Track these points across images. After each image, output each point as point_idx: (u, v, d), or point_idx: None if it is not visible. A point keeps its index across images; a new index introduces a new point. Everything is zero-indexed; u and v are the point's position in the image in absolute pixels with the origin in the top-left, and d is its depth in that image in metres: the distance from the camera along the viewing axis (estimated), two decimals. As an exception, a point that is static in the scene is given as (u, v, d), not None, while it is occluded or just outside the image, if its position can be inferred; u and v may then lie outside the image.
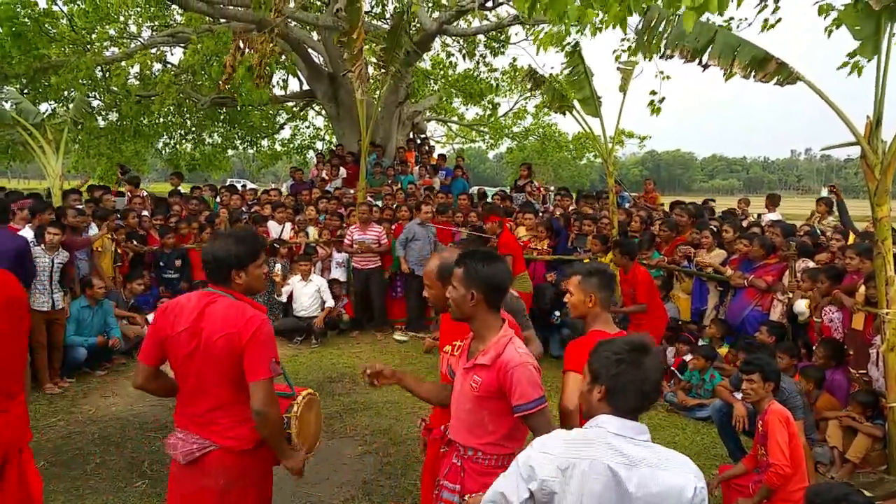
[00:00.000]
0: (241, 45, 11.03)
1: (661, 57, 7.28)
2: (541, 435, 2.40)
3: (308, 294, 9.44)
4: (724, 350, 7.42)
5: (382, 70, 10.46)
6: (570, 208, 11.34)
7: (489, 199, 13.44)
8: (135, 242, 9.28)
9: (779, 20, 7.40)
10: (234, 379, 2.86)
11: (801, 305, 6.89)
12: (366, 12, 15.52)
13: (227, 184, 16.73)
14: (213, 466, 2.89)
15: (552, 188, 16.24)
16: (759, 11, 7.40)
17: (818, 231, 9.56)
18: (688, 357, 7.49)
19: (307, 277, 9.50)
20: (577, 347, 3.22)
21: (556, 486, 2.00)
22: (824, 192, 12.94)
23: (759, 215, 12.17)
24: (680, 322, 8.26)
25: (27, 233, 7.36)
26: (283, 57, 15.12)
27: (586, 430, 2.13)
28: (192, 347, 2.85)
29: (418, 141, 17.62)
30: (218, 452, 2.89)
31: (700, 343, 7.70)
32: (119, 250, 8.98)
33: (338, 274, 10.30)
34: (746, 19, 8.32)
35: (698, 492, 1.99)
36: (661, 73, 9.16)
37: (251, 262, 2.98)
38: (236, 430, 2.90)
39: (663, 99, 8.76)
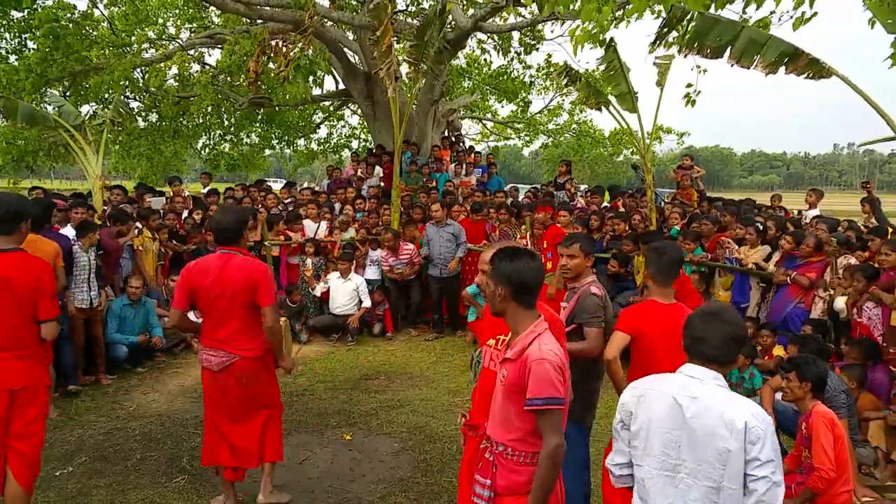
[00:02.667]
0: (266, 49, 11.14)
1: (682, 55, 7.21)
2: (547, 437, 2.63)
3: (345, 292, 9.48)
4: (779, 350, 7.22)
5: (413, 68, 10.46)
6: (603, 206, 11.26)
7: (521, 198, 13.38)
8: (174, 242, 9.40)
9: (815, 14, 7.21)
10: (249, 308, 4.29)
11: (840, 303, 6.73)
12: (400, 10, 15.53)
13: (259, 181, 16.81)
14: (237, 370, 4.31)
15: (582, 186, 16.11)
16: (796, 7, 7.24)
17: (860, 226, 9.36)
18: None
19: (346, 276, 9.55)
20: (628, 312, 3.96)
21: (632, 407, 2.60)
22: (862, 183, 12.62)
23: (800, 211, 11.92)
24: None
25: (69, 231, 7.52)
26: (311, 53, 15.20)
27: (674, 373, 2.60)
28: (219, 291, 4.22)
29: (453, 139, 17.59)
30: (240, 361, 4.30)
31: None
32: (163, 249, 9.12)
33: (372, 273, 10.32)
34: (788, 12, 8.15)
35: (751, 427, 2.32)
36: (698, 66, 9.00)
37: (247, 227, 4.46)
38: (250, 343, 4.34)
39: (699, 92, 8.64)
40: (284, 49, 10.89)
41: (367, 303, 9.55)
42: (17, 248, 3.91)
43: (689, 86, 8.66)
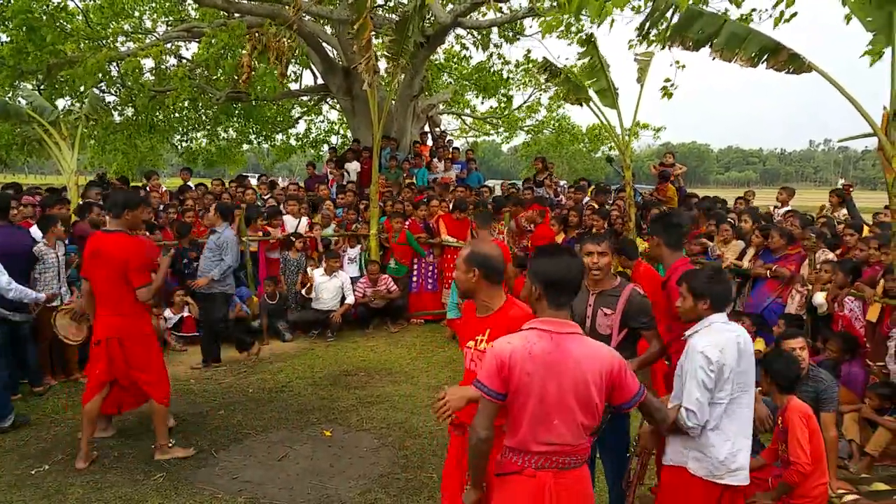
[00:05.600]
0: (257, 44, 11.06)
1: (665, 48, 7.27)
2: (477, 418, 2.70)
3: (330, 289, 9.47)
4: (759, 344, 7.29)
5: (392, 63, 10.43)
6: (585, 201, 11.30)
7: (496, 194, 13.41)
8: (149, 234, 9.29)
9: (794, 14, 7.30)
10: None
11: (820, 297, 6.81)
12: (379, 5, 15.48)
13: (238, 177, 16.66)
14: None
15: (563, 182, 16.16)
16: (776, 5, 7.33)
17: (835, 223, 9.48)
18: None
19: (332, 273, 9.52)
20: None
21: (723, 360, 3.28)
22: (841, 182, 12.79)
23: (774, 208, 12.05)
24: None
25: (35, 231, 7.26)
26: (296, 51, 15.11)
27: (710, 325, 3.41)
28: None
29: (435, 134, 17.59)
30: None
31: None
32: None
33: (351, 270, 10.26)
34: (767, 10, 8.25)
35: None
36: (678, 62, 9.07)
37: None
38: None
39: (676, 86, 8.72)
40: (276, 43, 10.80)
41: (350, 299, 9.52)
42: (119, 230, 5.04)
43: (667, 80, 8.74)
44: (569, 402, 2.61)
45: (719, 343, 3.30)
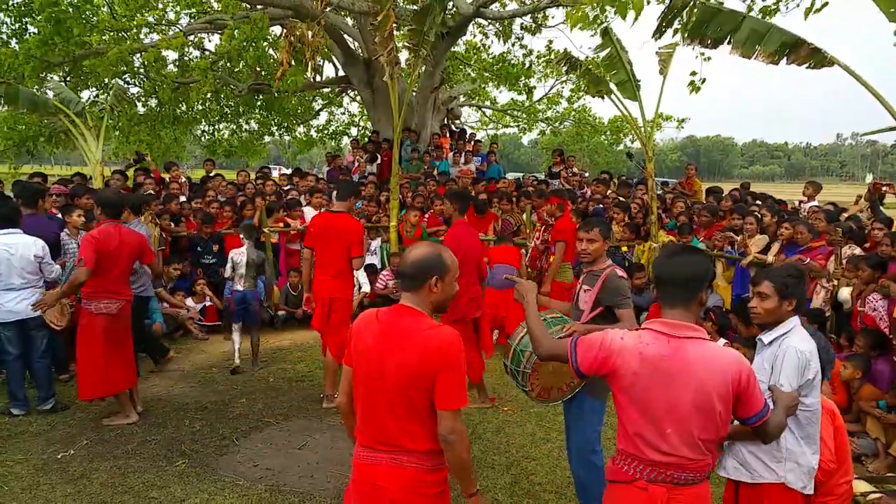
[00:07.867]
0: (293, 40, 11.13)
1: (684, 45, 7.21)
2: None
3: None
4: None
5: (413, 54, 10.41)
6: (610, 193, 11.25)
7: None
8: (173, 226, 9.39)
9: (825, 4, 7.17)
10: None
11: (845, 293, 6.72)
12: (401, -4, 15.46)
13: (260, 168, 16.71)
14: (127, 308, 5.87)
15: (587, 174, 16.08)
16: None
17: (860, 217, 9.34)
18: (721, 343, 7.39)
19: None
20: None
21: (815, 366, 3.18)
22: (870, 178, 12.59)
23: (799, 202, 11.92)
24: (725, 310, 8.06)
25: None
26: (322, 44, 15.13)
27: (798, 327, 3.25)
28: (121, 252, 5.67)
29: (453, 128, 17.53)
30: (127, 303, 5.86)
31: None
32: (164, 234, 9.09)
33: (372, 261, 10.32)
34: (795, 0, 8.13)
35: None
36: (703, 53, 8.99)
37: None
38: (130, 289, 5.99)
39: (704, 80, 8.64)
40: (311, 37, 10.86)
41: (366, 288, 9.56)
42: (343, 211, 6.26)
43: (693, 73, 8.66)
44: (685, 411, 2.43)
45: (811, 348, 3.20)
